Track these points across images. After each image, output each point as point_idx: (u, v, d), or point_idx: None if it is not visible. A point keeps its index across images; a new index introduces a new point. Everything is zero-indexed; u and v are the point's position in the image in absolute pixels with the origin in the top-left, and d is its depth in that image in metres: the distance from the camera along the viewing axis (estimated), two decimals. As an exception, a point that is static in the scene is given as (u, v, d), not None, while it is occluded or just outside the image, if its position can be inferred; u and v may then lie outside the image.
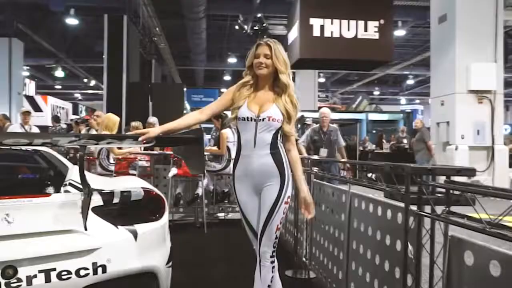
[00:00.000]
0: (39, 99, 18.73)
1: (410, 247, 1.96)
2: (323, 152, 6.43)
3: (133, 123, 7.50)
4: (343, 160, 6.25)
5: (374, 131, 18.81)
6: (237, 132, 2.48)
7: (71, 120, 12.30)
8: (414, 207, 1.93)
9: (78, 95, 30.77)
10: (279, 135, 2.43)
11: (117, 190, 2.40)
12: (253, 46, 2.48)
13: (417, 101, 31.32)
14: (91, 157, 6.16)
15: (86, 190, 2.21)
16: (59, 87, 27.49)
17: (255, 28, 9.83)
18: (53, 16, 15.02)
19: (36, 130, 8.35)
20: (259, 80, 2.48)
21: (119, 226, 2.32)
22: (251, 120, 2.39)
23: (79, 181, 2.32)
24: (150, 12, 13.23)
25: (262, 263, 2.38)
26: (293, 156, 2.50)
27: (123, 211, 2.39)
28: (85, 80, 24.60)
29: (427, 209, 1.87)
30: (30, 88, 20.61)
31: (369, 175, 8.26)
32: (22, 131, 7.60)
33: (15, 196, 2.09)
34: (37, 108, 17.84)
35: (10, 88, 14.84)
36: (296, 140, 2.92)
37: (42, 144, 2.32)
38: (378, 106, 26.13)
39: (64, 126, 13.12)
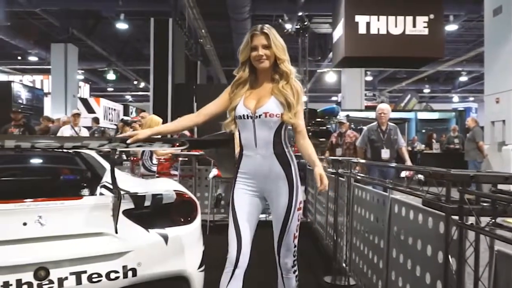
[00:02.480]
0: (92, 101, 19.58)
1: (452, 260, 1.81)
2: (385, 153, 5.80)
3: None
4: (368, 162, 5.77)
5: (423, 131, 18.11)
6: (238, 131, 2.29)
7: (120, 120, 12.68)
8: (457, 217, 1.78)
9: (128, 97, 31.83)
10: (283, 132, 2.21)
11: (149, 193, 2.39)
12: (247, 36, 2.23)
13: (471, 98, 29.83)
14: (135, 158, 6.30)
15: (117, 193, 2.22)
16: (111, 89, 28.60)
17: (296, 27, 9.68)
18: (104, 22, 15.62)
19: (84, 131, 8.69)
20: (258, 73, 2.27)
21: (150, 230, 2.32)
22: (248, 118, 2.19)
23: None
24: (196, 14, 13.41)
25: (285, 275, 2.28)
26: (304, 144, 2.27)
27: (155, 215, 2.38)
28: (135, 82, 25.41)
29: (472, 219, 1.71)
30: (85, 90, 21.59)
31: (419, 176, 7.88)
32: (72, 132, 7.94)
33: (48, 198, 2.13)
34: (91, 110, 18.64)
35: (66, 91, 15.61)
36: (309, 133, 2.67)
37: (73, 148, 2.37)
38: (429, 104, 25.16)
39: (113, 127, 13.56)
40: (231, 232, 2.21)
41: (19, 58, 20.41)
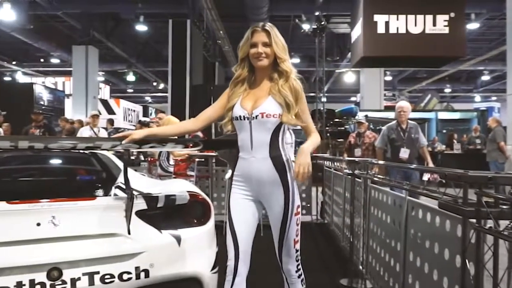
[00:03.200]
0: (112, 102, 19.84)
1: (470, 264, 1.75)
2: (405, 152, 5.58)
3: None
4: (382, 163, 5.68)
5: (444, 131, 17.79)
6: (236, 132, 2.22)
7: (138, 121, 12.83)
8: (474, 220, 1.72)
9: (148, 98, 32.17)
10: (281, 133, 2.13)
11: (162, 194, 2.39)
12: (248, 32, 2.16)
13: (494, 98, 29.16)
14: (152, 159, 6.34)
15: (129, 193, 2.22)
16: (131, 90, 28.95)
17: (313, 27, 9.62)
18: (124, 24, 15.83)
19: (103, 132, 8.81)
20: (257, 72, 2.19)
21: (162, 231, 2.32)
22: (244, 119, 2.12)
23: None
24: (214, 15, 13.46)
25: (290, 280, 2.23)
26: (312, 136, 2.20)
27: (167, 215, 2.38)
28: (155, 84, 25.66)
29: (491, 222, 1.65)
30: (105, 92, 21.90)
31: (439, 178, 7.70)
32: (91, 133, 8.06)
33: (62, 198, 2.15)
34: (111, 111, 18.89)
35: (87, 92, 15.85)
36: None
37: (86, 148, 2.39)
38: (450, 104, 24.72)
39: (132, 127, 13.67)
40: (229, 240, 2.16)
41: (42, 60, 20.87)
